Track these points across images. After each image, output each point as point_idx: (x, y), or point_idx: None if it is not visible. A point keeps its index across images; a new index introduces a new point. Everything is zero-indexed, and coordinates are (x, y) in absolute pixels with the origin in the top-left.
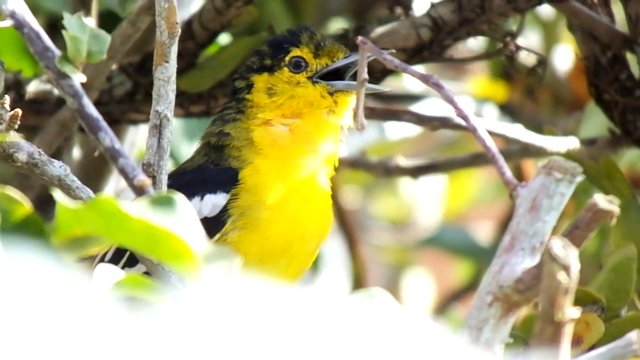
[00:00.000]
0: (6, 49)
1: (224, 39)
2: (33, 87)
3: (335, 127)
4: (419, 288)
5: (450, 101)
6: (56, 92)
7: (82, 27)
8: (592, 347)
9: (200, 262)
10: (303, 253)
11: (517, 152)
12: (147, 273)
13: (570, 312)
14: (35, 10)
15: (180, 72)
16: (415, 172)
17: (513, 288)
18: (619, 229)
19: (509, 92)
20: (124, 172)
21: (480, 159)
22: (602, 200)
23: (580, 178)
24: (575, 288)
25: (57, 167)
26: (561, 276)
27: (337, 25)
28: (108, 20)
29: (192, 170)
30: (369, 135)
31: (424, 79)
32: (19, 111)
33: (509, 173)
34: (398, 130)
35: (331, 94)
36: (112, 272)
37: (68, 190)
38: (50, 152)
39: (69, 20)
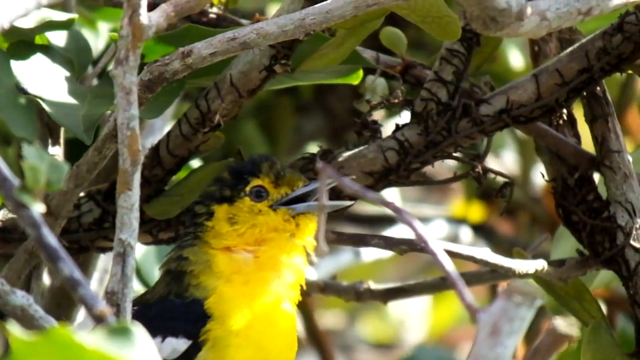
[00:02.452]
0: None
1: (194, 163)
2: (1, 216)
3: (299, 250)
4: None
5: (410, 225)
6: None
7: (41, 156)
8: None
9: None
10: None
11: (487, 274)
12: None
13: None
14: (6, 140)
15: (148, 199)
16: (386, 296)
17: None
18: (589, 350)
19: (486, 212)
20: (84, 302)
21: (447, 282)
22: (561, 324)
23: (540, 302)
24: None
25: (20, 297)
26: None
27: (314, 148)
28: (75, 148)
29: (155, 302)
30: (344, 258)
31: (384, 204)
32: None
33: (469, 297)
34: (372, 254)
35: (293, 217)
36: None
37: (31, 320)
38: (19, 280)
39: (28, 150)
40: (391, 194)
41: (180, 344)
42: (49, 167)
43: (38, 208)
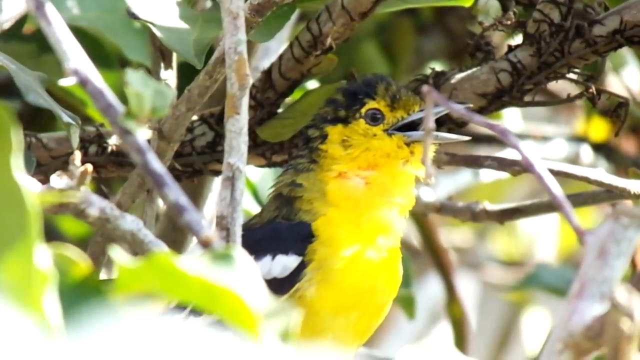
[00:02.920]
0: (91, 102)
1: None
2: (115, 140)
3: (411, 177)
4: (537, 327)
5: (516, 148)
6: None
7: (145, 82)
8: None
9: (258, 320)
10: (374, 306)
11: (603, 194)
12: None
13: (636, 358)
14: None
15: (260, 122)
16: (501, 216)
17: (583, 335)
18: None
19: (608, 131)
20: (189, 227)
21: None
22: None
23: None
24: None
25: (130, 222)
26: (624, 324)
27: (436, 68)
28: (188, 72)
29: (262, 226)
30: (462, 179)
31: (490, 127)
32: (89, 167)
33: (576, 220)
34: (490, 174)
35: (407, 144)
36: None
37: (141, 245)
38: (133, 203)
39: (132, 76)
40: (512, 113)
41: (291, 261)
42: (154, 93)
43: (143, 134)
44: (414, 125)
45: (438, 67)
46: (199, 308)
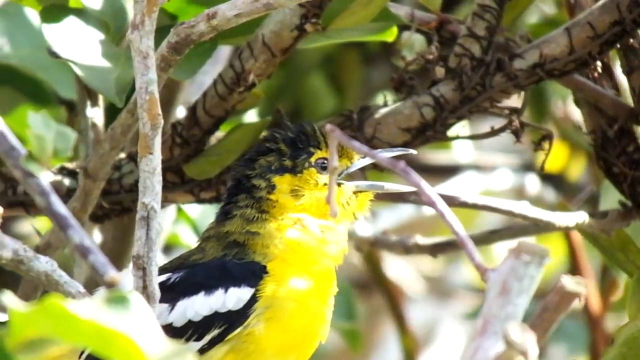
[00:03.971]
0: None
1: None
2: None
3: (354, 222)
4: None
5: (418, 187)
6: (67, 182)
7: (47, 125)
8: None
9: None
10: (310, 349)
11: (529, 228)
12: None
13: None
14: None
15: (187, 159)
16: (433, 250)
17: None
18: (635, 300)
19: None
20: (94, 269)
21: (497, 234)
22: (569, 282)
23: (548, 260)
24: None
25: (44, 263)
26: None
27: (381, 100)
28: (116, 110)
29: (209, 262)
30: (404, 212)
31: (392, 165)
32: (1, 209)
33: (478, 257)
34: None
35: (355, 194)
36: None
37: (56, 286)
38: (61, 244)
39: (33, 119)
40: (463, 144)
41: (244, 293)
42: (56, 136)
43: (46, 176)
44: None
45: (388, 97)
46: (93, 352)
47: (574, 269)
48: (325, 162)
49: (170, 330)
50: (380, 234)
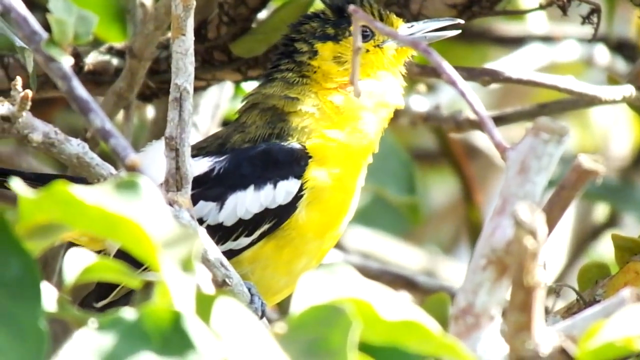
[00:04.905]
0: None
1: None
2: (92, 59)
3: (403, 83)
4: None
5: (439, 66)
6: (115, 62)
7: (68, 9)
8: None
9: (158, 248)
10: (342, 226)
11: (579, 102)
12: None
13: (540, 276)
14: None
15: (234, 37)
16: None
17: (506, 251)
18: None
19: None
20: (115, 152)
21: (547, 108)
22: (587, 160)
23: (568, 138)
24: (542, 252)
25: (75, 145)
26: (528, 241)
27: None
28: None
29: (254, 147)
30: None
31: (414, 45)
32: (29, 92)
33: (498, 136)
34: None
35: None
36: (83, 257)
37: (88, 168)
38: (111, 122)
39: (54, 4)
40: (537, 15)
41: (292, 185)
42: (77, 20)
43: (67, 60)
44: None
45: None
46: (101, 237)
47: None
48: (366, 30)
49: (221, 230)
50: (434, 109)
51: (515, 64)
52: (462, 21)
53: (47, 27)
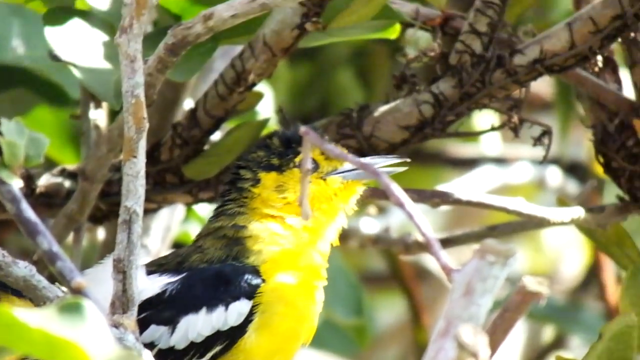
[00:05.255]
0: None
1: None
2: (44, 181)
3: (343, 215)
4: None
5: (388, 188)
6: (67, 184)
7: (20, 131)
8: None
9: None
10: (295, 350)
11: (527, 224)
12: None
13: None
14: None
15: (186, 159)
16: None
17: None
18: (628, 294)
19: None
20: (61, 275)
21: (496, 230)
22: (531, 282)
23: (513, 260)
24: None
25: (22, 268)
26: None
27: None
28: (117, 114)
29: (206, 269)
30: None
31: (363, 167)
32: None
33: (444, 258)
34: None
35: (343, 184)
36: None
37: (34, 291)
38: (61, 244)
39: (7, 126)
40: (491, 137)
41: (243, 306)
42: (28, 142)
43: (16, 183)
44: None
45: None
46: None
47: (596, 261)
48: (313, 162)
49: (172, 353)
50: (383, 231)
51: (467, 186)
52: (408, 160)
53: None
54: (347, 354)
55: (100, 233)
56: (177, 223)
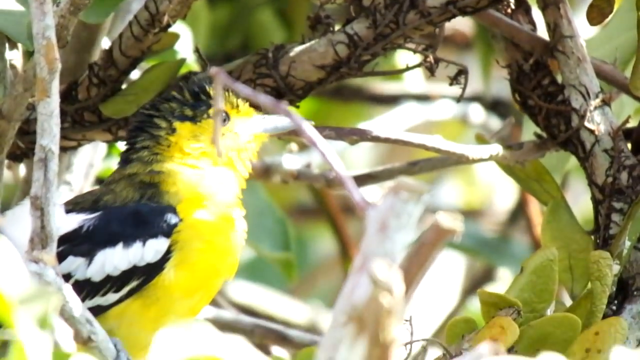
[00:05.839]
0: None
1: None
2: None
3: (251, 164)
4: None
5: (299, 127)
6: None
7: None
8: (509, 350)
9: (13, 305)
10: (216, 286)
11: (447, 160)
12: None
13: (396, 333)
14: None
15: (104, 98)
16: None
17: (365, 307)
18: (549, 229)
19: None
20: None
21: (417, 166)
22: (445, 219)
23: (427, 197)
24: (399, 309)
25: None
26: (384, 298)
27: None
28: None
29: (124, 207)
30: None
31: (275, 106)
32: None
33: (358, 195)
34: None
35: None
36: None
37: None
38: None
39: None
40: (413, 74)
41: (161, 244)
42: None
43: None
44: None
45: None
46: None
47: (522, 195)
48: (225, 115)
49: (89, 285)
50: (305, 167)
51: (389, 123)
52: (312, 122)
53: None
54: (281, 288)
55: (22, 170)
56: (99, 159)
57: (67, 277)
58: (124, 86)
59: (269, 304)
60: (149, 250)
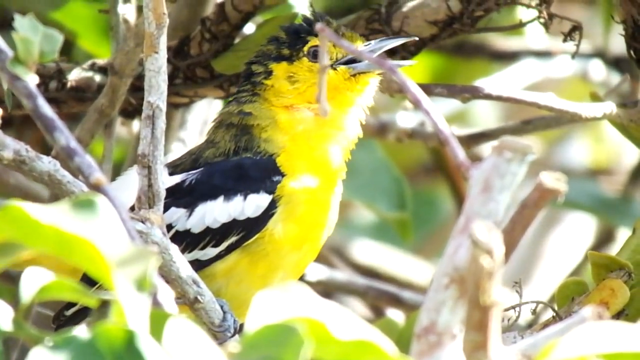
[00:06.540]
0: (85, 32)
1: None
2: (75, 75)
3: (358, 107)
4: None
5: (404, 85)
6: (97, 79)
7: (34, 27)
8: (619, 313)
9: (112, 267)
10: (319, 241)
11: (561, 119)
12: None
13: (497, 295)
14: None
15: (216, 54)
16: (469, 141)
17: (468, 269)
18: None
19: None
20: (80, 170)
21: (531, 125)
22: (548, 179)
23: (532, 156)
24: (500, 271)
25: (47, 163)
26: (484, 260)
27: None
28: None
29: (225, 161)
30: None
31: (380, 63)
32: (1, 110)
33: (461, 155)
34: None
35: (353, 75)
36: (40, 276)
37: (59, 185)
38: (92, 138)
39: (20, 22)
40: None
41: (263, 199)
42: (42, 38)
43: (32, 79)
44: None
45: None
46: (57, 256)
47: None
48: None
49: (188, 236)
50: (418, 125)
51: (508, 79)
52: (416, 37)
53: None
54: (405, 247)
55: (136, 126)
56: (213, 116)
57: (169, 227)
58: (236, 41)
59: (391, 264)
60: (250, 204)
